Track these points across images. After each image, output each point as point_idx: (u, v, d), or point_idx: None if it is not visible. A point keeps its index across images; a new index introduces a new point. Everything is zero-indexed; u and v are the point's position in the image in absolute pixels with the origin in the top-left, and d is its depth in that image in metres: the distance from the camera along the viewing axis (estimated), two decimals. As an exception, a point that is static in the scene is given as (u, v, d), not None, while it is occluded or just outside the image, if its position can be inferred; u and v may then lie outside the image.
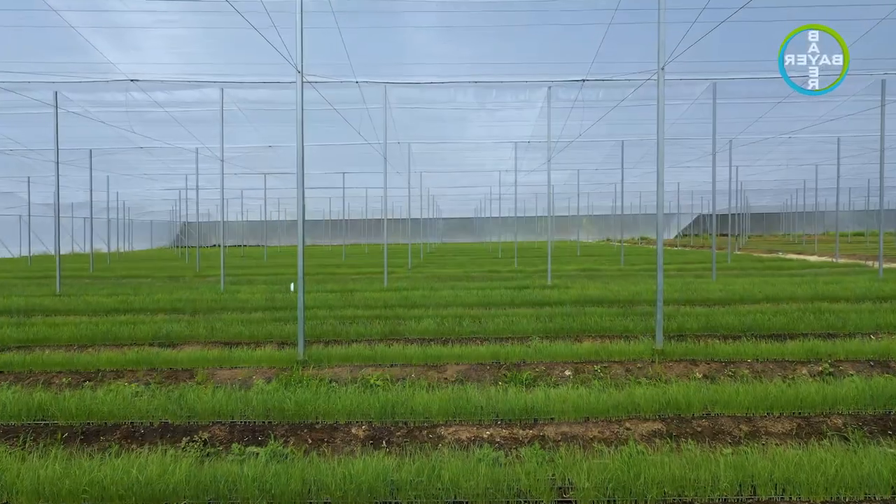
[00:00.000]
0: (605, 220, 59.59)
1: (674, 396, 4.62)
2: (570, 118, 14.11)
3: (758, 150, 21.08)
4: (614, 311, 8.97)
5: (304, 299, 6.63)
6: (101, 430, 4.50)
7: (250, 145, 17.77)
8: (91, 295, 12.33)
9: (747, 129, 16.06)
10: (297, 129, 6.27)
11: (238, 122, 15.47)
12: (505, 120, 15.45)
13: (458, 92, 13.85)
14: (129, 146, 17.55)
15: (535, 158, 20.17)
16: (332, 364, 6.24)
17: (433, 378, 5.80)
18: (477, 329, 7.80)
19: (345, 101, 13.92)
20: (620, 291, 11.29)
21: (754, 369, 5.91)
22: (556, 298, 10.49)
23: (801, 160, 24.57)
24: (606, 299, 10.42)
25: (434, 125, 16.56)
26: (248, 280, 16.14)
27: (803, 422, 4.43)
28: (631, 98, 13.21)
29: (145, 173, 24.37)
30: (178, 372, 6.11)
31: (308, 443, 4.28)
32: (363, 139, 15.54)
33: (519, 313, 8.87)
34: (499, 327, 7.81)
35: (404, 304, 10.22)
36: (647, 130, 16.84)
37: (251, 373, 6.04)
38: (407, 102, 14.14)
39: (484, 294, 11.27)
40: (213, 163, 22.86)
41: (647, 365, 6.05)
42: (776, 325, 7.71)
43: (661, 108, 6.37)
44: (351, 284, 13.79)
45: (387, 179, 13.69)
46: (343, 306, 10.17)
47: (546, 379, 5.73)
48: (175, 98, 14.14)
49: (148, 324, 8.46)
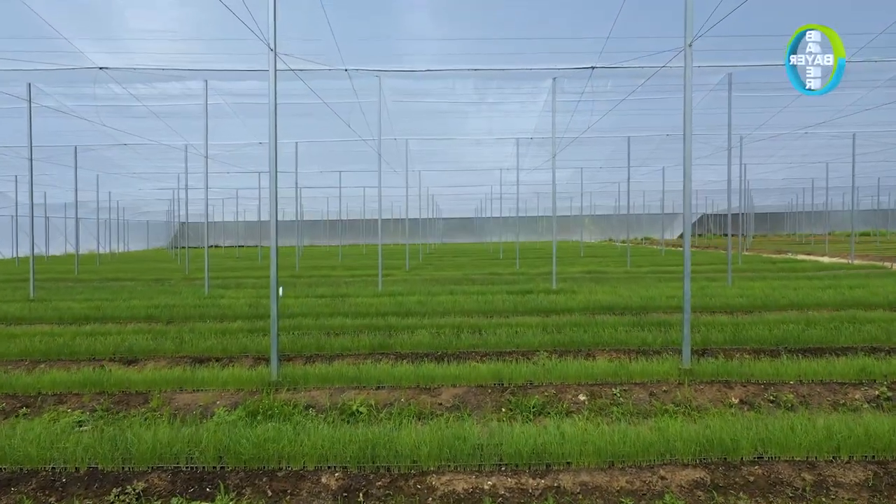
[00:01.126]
0: (607, 219, 58.73)
1: (717, 434, 3.79)
2: (576, 111, 13.29)
3: (769, 146, 20.24)
4: (628, 321, 8.14)
5: (279, 309, 5.81)
6: (13, 478, 3.68)
7: (240, 142, 16.93)
8: (65, 300, 11.51)
9: (765, 124, 15.19)
10: (270, 117, 5.45)
11: (225, 117, 14.65)
12: (507, 114, 14.62)
13: (458, 83, 13.02)
14: (112, 143, 16.71)
15: (537, 155, 19.33)
16: (310, 386, 5.41)
17: (425, 404, 4.97)
18: (477, 342, 6.97)
19: (336, 95, 13.10)
20: (631, 297, 10.46)
21: (799, 393, 5.08)
22: (563, 305, 9.66)
23: (812, 157, 23.70)
24: (617, 306, 9.59)
25: (432, 121, 15.73)
26: (237, 283, 15.33)
27: (879, 469, 3.61)
28: (641, 90, 12.38)
29: (135, 172, 23.51)
30: (130, 396, 5.29)
31: (267, 495, 3.46)
32: (357, 135, 14.72)
33: (523, 323, 8.04)
34: (501, 340, 6.98)
35: (398, 312, 9.40)
36: (657, 124, 15.99)
37: (215, 397, 5.22)
38: (402, 95, 13.31)
39: (485, 300, 10.44)
40: (202, 161, 22.08)
41: (674, 388, 5.22)
42: (812, 337, 6.88)
43: (688, 91, 5.53)
44: (343, 288, 12.96)
45: (381, 178, 12.86)
46: (331, 314, 9.34)
47: (557, 405, 4.90)
48: (158, 91, 13.32)
49: (113, 335, 7.64)
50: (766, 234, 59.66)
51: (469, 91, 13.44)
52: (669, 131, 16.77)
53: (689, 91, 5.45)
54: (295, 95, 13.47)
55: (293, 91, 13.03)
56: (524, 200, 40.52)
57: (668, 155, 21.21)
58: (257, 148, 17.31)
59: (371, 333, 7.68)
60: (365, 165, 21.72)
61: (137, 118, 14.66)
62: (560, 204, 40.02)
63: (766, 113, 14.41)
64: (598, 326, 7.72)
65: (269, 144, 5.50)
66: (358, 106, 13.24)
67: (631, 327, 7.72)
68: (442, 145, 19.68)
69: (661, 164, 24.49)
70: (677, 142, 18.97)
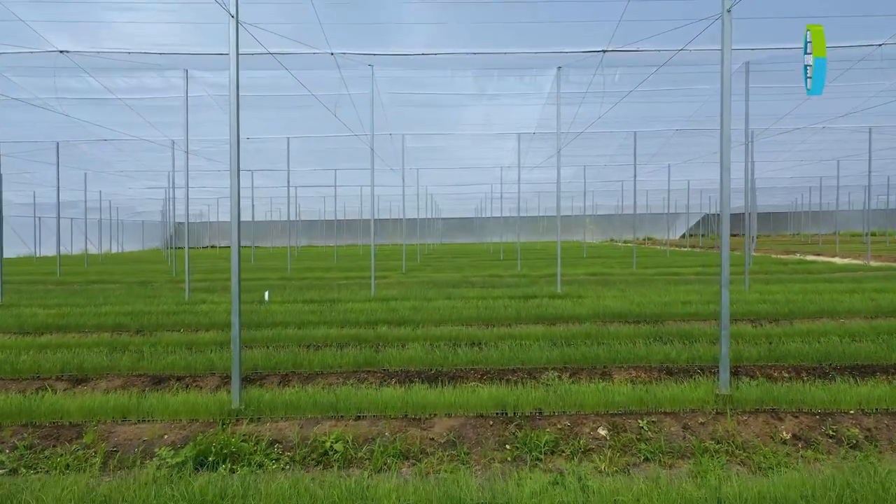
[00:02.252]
0: (608, 219, 57.91)
1: (783, 491, 2.94)
2: (583, 102, 12.45)
3: (780, 143, 19.38)
4: (645, 331, 7.30)
5: (240, 322, 4.95)
6: None
7: (226, 137, 16.03)
8: (32, 306, 10.67)
9: (788, 114, 14.30)
10: (231, 96, 4.61)
11: (209, 110, 13.81)
12: (508, 107, 13.77)
13: (456, 74, 12.19)
14: (95, 139, 15.87)
15: (539, 150, 18.47)
16: (278, 416, 4.56)
17: (414, 439, 4.13)
18: (476, 358, 6.12)
19: (326, 86, 12.25)
20: (644, 303, 9.63)
21: (863, 426, 4.23)
22: (571, 312, 8.81)
23: (824, 154, 22.83)
24: (631, 314, 8.74)
25: (429, 114, 14.88)
26: (224, 286, 14.49)
27: None
28: (652, 79, 11.53)
29: (122, 171, 22.66)
30: (62, 429, 4.44)
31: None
32: (348, 130, 13.89)
33: (528, 333, 7.20)
34: (504, 356, 6.13)
35: (390, 320, 8.55)
36: (669, 115, 15.12)
37: (163, 429, 4.37)
38: (397, 86, 12.47)
39: (485, 305, 9.61)
40: (194, 160, 21.20)
41: (712, 419, 4.37)
42: (859, 352, 6.03)
43: (726, 67, 4.67)
44: (334, 293, 12.11)
45: (374, 175, 12.01)
46: (318, 322, 8.50)
47: (572, 441, 4.06)
48: (136, 82, 12.48)
49: (65, 350, 6.80)
50: (769, 234, 58.76)
51: (468, 82, 12.60)
52: (681, 125, 15.91)
53: (728, 65, 4.59)
54: (284, 87, 12.62)
55: (282, 83, 12.19)
56: (524, 200, 39.69)
57: (674, 151, 20.36)
58: (247, 144, 16.46)
59: (357, 346, 6.84)
60: (361, 163, 20.88)
61: (116, 112, 13.79)
62: (562, 204, 39.10)
63: (784, 104, 13.55)
64: (613, 339, 6.88)
65: (231, 130, 4.66)
66: (349, 98, 12.40)
67: (650, 339, 6.88)
68: (440, 141, 18.83)
69: (666, 162, 23.65)
70: (687, 136, 18.13)
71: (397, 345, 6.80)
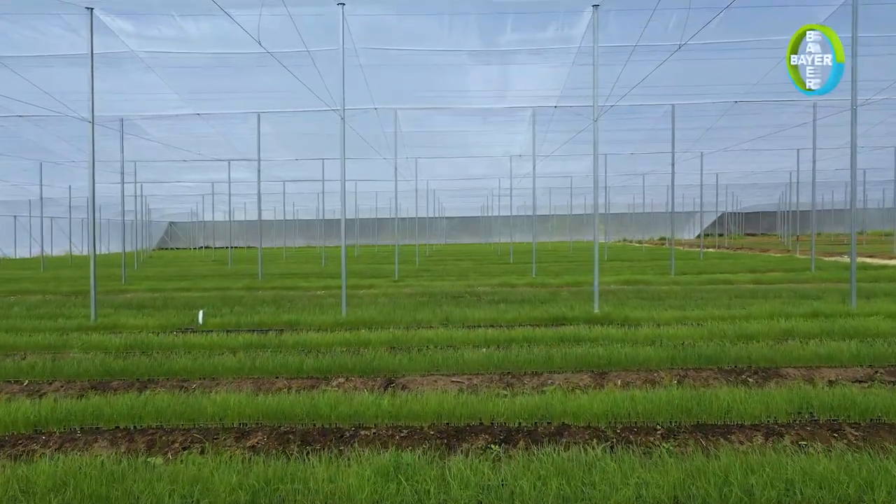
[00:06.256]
0: (619, 218, 54.58)
1: None
2: (629, 61, 9.34)
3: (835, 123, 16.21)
4: (774, 399, 4.18)
5: None
6: None
7: (170, 112, 12.91)
8: None
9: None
10: None
11: (143, 72, 10.76)
12: (524, 66, 10.65)
13: (455, 22, 9.15)
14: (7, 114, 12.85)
15: (557, 132, 15.32)
16: None
17: None
18: (492, 500, 3.03)
19: (286, 42, 9.23)
20: (728, 334, 6.55)
21: None
22: (631, 355, 5.67)
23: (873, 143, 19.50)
24: (726, 357, 5.62)
25: (421, 79, 11.81)
26: (169, 298, 11.41)
27: None
28: (708, 30, 8.44)
29: (73, 160, 19.63)
30: None
31: None
32: (319, 100, 10.83)
33: (575, 407, 4.10)
34: (547, 493, 3.03)
35: (351, 368, 5.48)
36: (721, 79, 11.94)
37: None
38: (378, 39, 9.44)
39: (497, 337, 6.55)
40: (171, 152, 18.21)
41: None
42: None
43: None
44: (294, 313, 8.98)
45: (344, 154, 8.91)
46: (236, 371, 5.45)
47: None
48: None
49: None
50: (800, 234, 55.31)
51: (472, 33, 9.54)
52: (738, 97, 12.70)
53: None
54: (239, 42, 9.53)
55: (235, 36, 9.13)
56: (533, 197, 36.54)
57: (716, 136, 17.17)
58: (193, 121, 13.31)
59: (264, 441, 3.77)
60: (354, 153, 17.76)
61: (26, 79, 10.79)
62: (575, 202, 35.91)
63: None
64: (723, 414, 3.79)
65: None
66: (312, 59, 9.33)
67: (791, 424, 3.78)
68: (439, 125, 15.77)
69: (699, 150, 20.37)
70: (733, 119, 14.98)
71: (333, 463, 3.73)
